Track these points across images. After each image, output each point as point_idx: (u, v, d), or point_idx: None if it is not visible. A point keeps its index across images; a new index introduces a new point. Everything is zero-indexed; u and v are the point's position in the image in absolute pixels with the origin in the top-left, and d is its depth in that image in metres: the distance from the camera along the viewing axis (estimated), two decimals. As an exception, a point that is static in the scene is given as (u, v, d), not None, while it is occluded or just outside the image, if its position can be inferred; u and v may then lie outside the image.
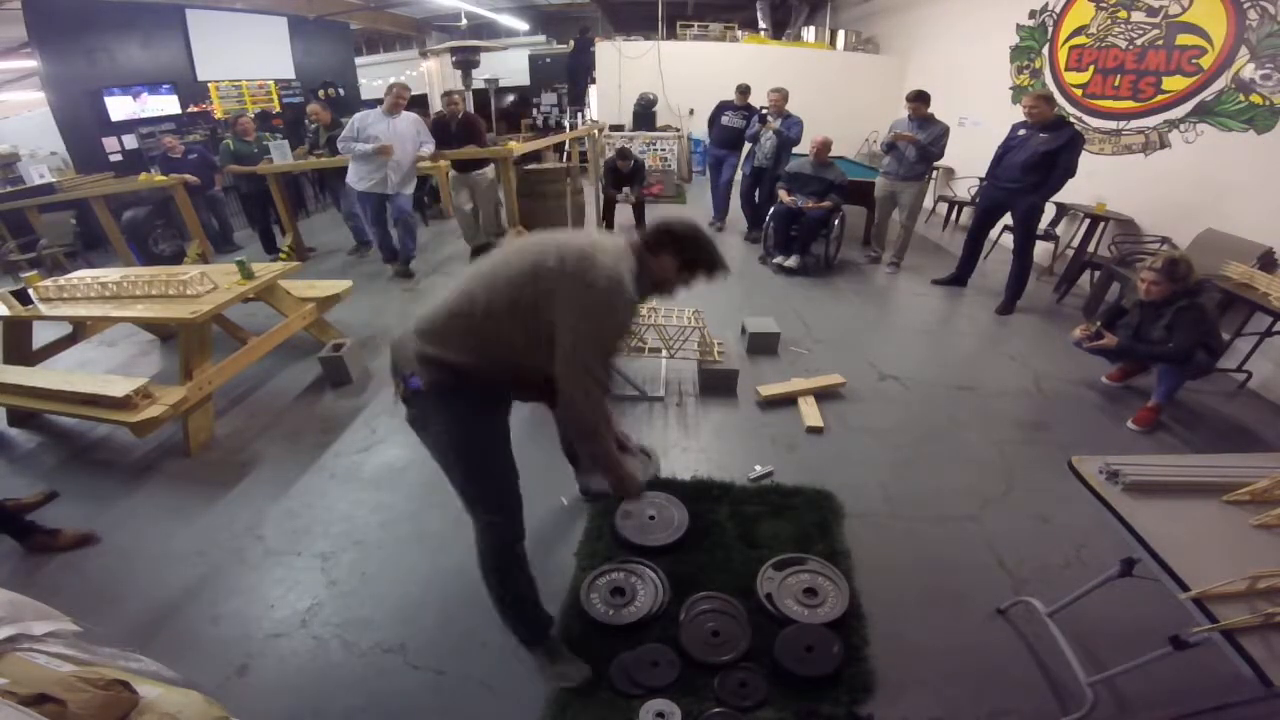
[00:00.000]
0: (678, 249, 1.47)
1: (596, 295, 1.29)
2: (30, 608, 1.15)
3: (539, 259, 1.32)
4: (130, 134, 6.35)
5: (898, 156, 4.59)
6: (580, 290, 1.28)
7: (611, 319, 1.33)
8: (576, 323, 1.29)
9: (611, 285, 1.30)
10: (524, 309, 1.32)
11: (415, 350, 1.37)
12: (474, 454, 1.45)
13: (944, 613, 1.88)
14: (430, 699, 1.63)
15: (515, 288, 1.33)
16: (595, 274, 1.29)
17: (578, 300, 1.29)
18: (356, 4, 9.58)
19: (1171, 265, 2.63)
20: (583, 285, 1.28)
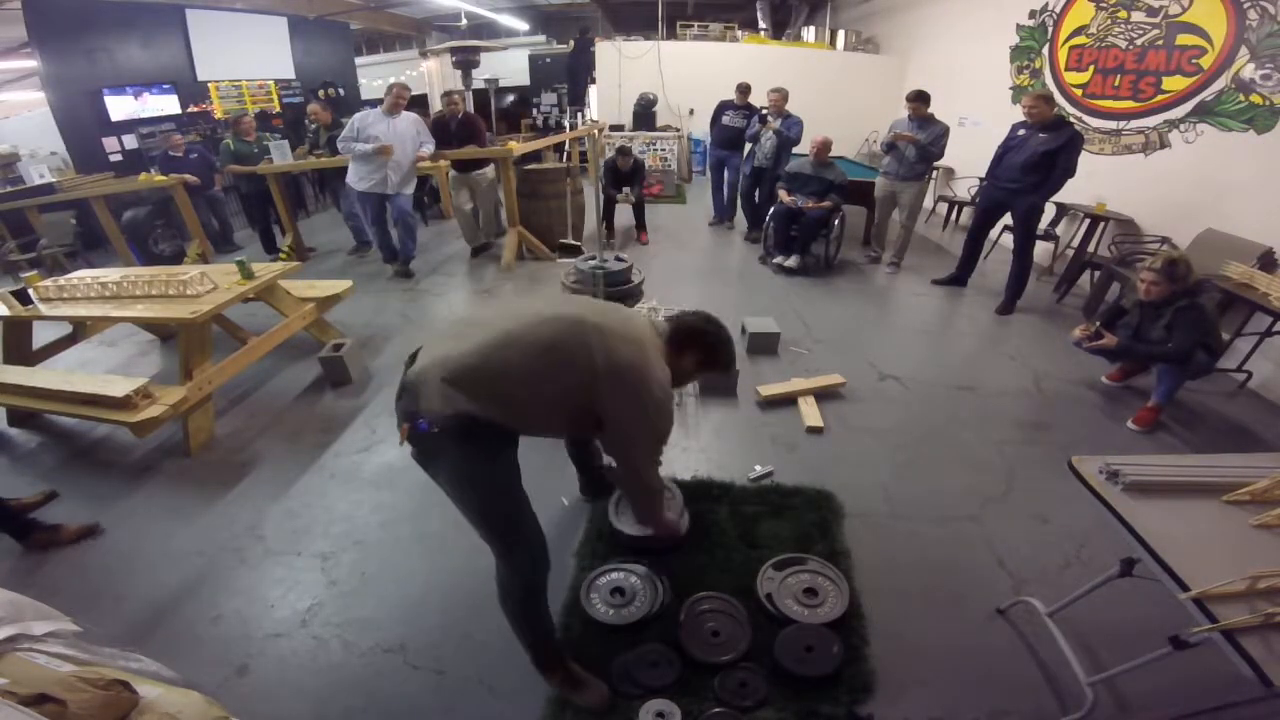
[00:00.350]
0: (704, 351, 1.53)
1: (652, 405, 1.37)
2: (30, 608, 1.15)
3: (582, 352, 1.32)
4: (130, 134, 6.35)
5: (898, 156, 4.59)
6: (635, 400, 1.36)
7: (665, 422, 1.43)
8: (635, 430, 1.41)
9: (665, 394, 1.39)
10: (567, 394, 1.36)
11: (438, 394, 1.30)
12: (488, 492, 1.42)
13: (944, 613, 1.88)
14: (430, 699, 1.63)
15: (557, 373, 1.33)
16: (649, 385, 1.37)
17: (634, 408, 1.37)
18: (356, 4, 9.58)
19: (1170, 266, 2.63)
20: (637, 396, 1.36)
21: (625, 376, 1.34)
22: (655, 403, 1.38)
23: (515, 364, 1.32)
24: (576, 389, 1.35)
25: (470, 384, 1.31)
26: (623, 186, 5.55)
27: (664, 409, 1.41)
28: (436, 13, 11.02)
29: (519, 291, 4.54)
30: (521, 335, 1.34)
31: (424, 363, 1.36)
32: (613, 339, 1.36)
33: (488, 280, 4.83)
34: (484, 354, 1.33)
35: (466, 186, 5.11)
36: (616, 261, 2.83)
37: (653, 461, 1.47)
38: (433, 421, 1.29)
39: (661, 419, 1.42)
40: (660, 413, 1.41)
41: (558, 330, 1.35)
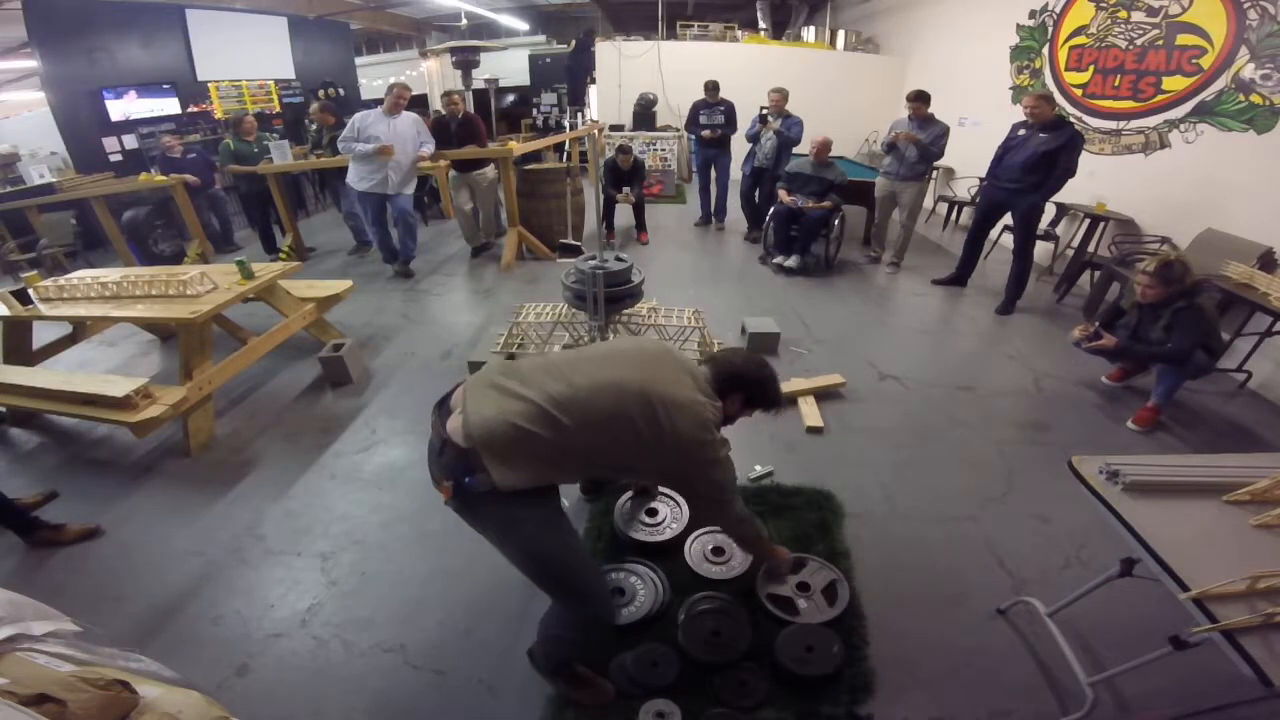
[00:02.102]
0: (747, 391, 1.52)
1: (718, 465, 1.43)
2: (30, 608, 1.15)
3: (647, 425, 1.30)
4: (130, 134, 6.35)
5: (898, 156, 4.59)
6: (701, 464, 1.40)
7: (730, 472, 1.49)
8: (710, 485, 1.46)
9: (725, 448, 1.44)
10: (629, 456, 1.37)
11: (498, 466, 1.25)
12: (540, 547, 1.37)
13: (944, 613, 1.88)
14: (430, 699, 1.63)
15: (618, 438, 1.32)
16: (713, 449, 1.41)
17: (702, 469, 1.42)
18: (356, 4, 9.59)
19: (1165, 268, 2.62)
20: (704, 460, 1.40)
21: (689, 449, 1.36)
22: (720, 460, 1.43)
23: (576, 436, 1.28)
24: (639, 453, 1.35)
25: (536, 455, 1.27)
26: (623, 186, 5.55)
27: (727, 463, 1.46)
28: (436, 13, 11.03)
29: (517, 293, 4.53)
30: (583, 405, 1.29)
31: (476, 419, 1.27)
32: (673, 409, 1.33)
33: (488, 280, 4.83)
34: (551, 426, 1.27)
35: (466, 186, 5.11)
36: (616, 261, 2.83)
37: (731, 499, 1.52)
38: (482, 483, 1.25)
39: (727, 471, 1.47)
40: (725, 466, 1.46)
41: (619, 402, 1.31)
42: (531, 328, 3.27)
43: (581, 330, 3.16)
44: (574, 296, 2.86)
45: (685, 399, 1.36)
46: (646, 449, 1.33)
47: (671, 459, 1.38)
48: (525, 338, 3.29)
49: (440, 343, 3.69)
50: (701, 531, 2.10)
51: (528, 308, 3.41)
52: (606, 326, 2.89)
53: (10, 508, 2.12)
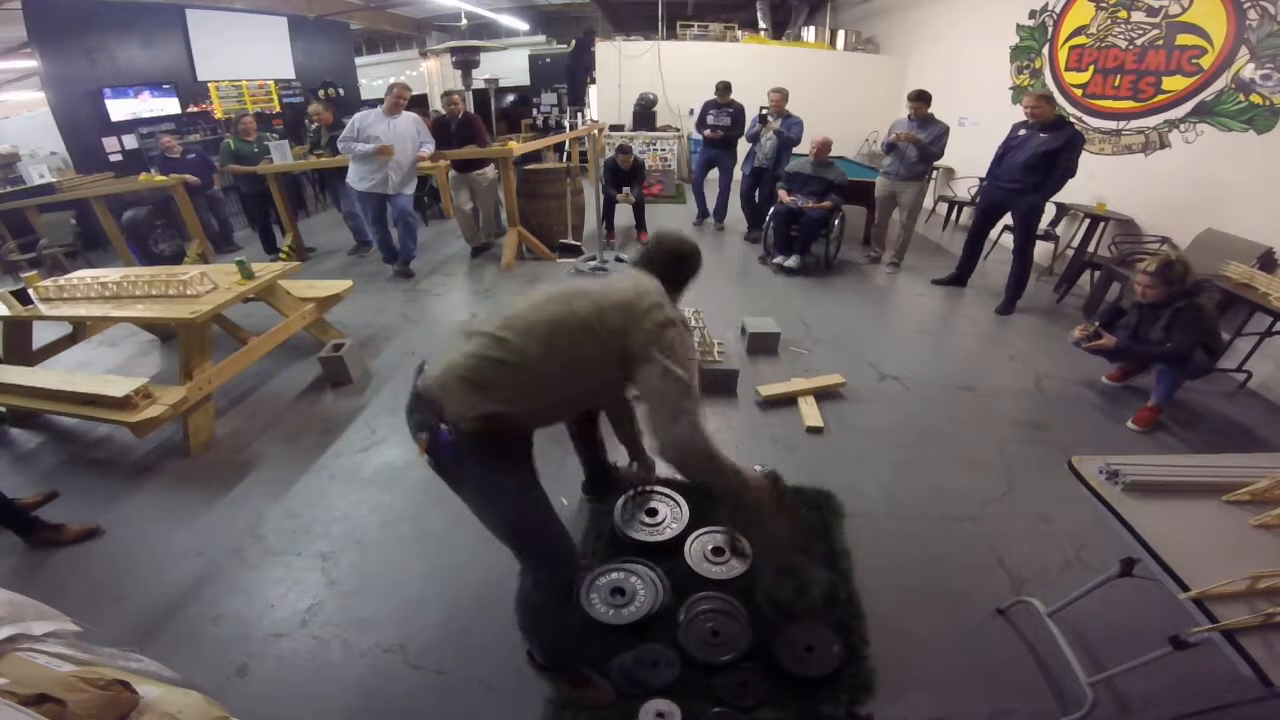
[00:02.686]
0: (674, 259, 1.60)
1: (670, 339, 1.33)
2: (30, 608, 1.15)
3: (587, 309, 1.33)
4: (130, 134, 6.35)
5: (898, 156, 4.59)
6: (659, 340, 1.32)
7: (690, 368, 1.35)
8: (668, 378, 1.30)
9: (683, 328, 1.39)
10: (588, 361, 1.33)
11: (460, 398, 1.27)
12: (516, 502, 1.38)
13: (944, 613, 1.88)
14: (430, 699, 1.63)
15: (573, 341, 1.31)
16: (661, 310, 1.37)
17: (660, 346, 1.31)
18: (356, 4, 9.58)
19: (1165, 268, 2.62)
20: (658, 332, 1.33)
21: (638, 320, 1.33)
22: (675, 343, 1.34)
23: (532, 349, 1.30)
24: (596, 350, 1.33)
25: (490, 380, 1.28)
26: (623, 186, 5.55)
27: (684, 350, 1.35)
28: (436, 13, 11.02)
29: (515, 292, 4.53)
30: (530, 321, 1.33)
31: (438, 368, 1.33)
32: (607, 288, 1.40)
33: (488, 280, 4.83)
34: (499, 346, 1.31)
35: (466, 186, 5.10)
36: (616, 262, 2.83)
37: (693, 413, 1.32)
38: (455, 427, 1.26)
39: (686, 364, 1.33)
40: (682, 351, 1.34)
41: (560, 305, 1.35)
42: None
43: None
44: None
45: (626, 286, 1.42)
46: (598, 343, 1.31)
47: (621, 343, 1.32)
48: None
49: (440, 343, 3.69)
50: (701, 531, 2.10)
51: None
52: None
53: (10, 508, 2.12)
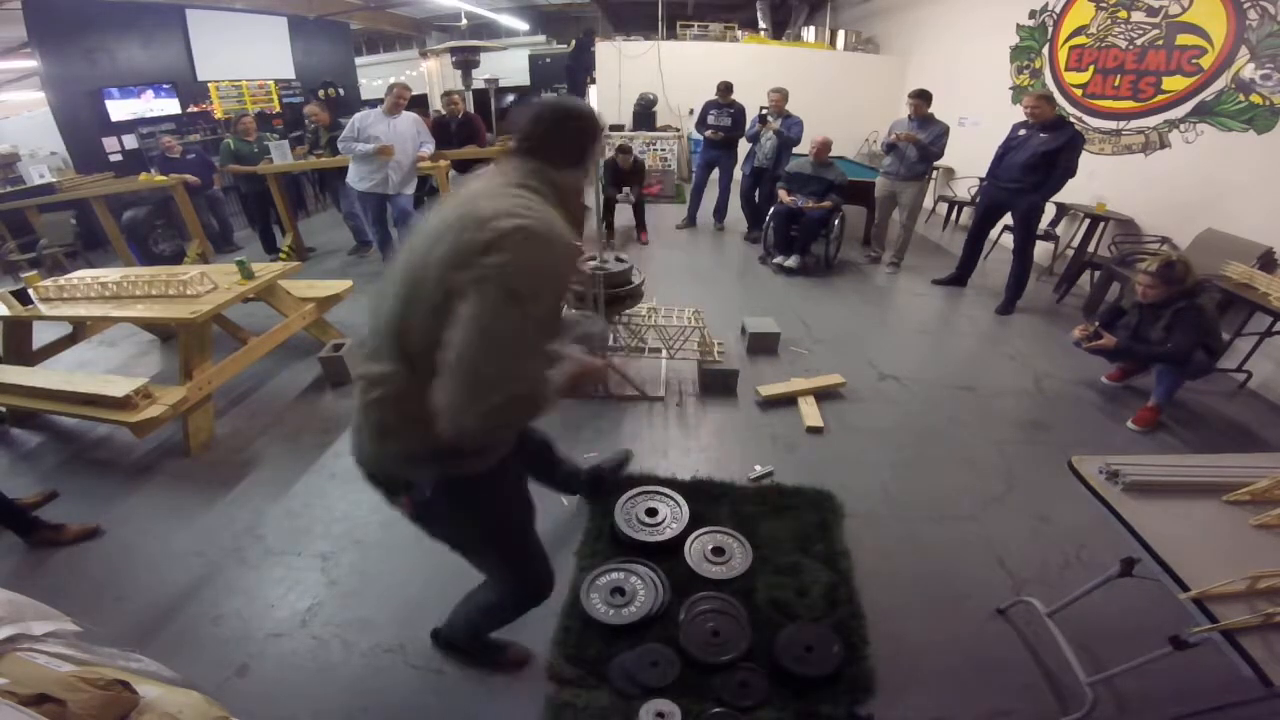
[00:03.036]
0: (576, 134, 1.11)
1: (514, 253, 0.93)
2: (30, 608, 1.15)
3: (426, 287, 0.98)
4: (130, 134, 6.35)
5: (899, 156, 4.59)
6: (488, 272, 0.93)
7: (544, 280, 0.99)
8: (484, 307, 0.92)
9: (542, 231, 0.97)
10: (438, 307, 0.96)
11: (392, 464, 1.13)
12: (505, 537, 1.30)
13: (944, 613, 1.88)
14: (430, 699, 1.63)
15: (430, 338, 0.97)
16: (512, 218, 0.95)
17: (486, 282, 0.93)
18: (356, 4, 9.58)
19: (1167, 268, 2.62)
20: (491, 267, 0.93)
21: (464, 250, 0.94)
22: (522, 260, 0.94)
23: (401, 367, 1.04)
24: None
25: (398, 427, 1.07)
26: (623, 186, 5.55)
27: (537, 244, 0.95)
28: (436, 13, 11.02)
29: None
30: (381, 333, 1.08)
31: (355, 439, 1.16)
32: (431, 242, 1.00)
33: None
34: (376, 384, 1.08)
35: (466, 186, 5.10)
36: (617, 262, 2.83)
37: (537, 349, 1.01)
38: (422, 487, 1.13)
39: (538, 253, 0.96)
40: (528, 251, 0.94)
41: (390, 299, 1.05)
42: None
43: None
44: (574, 297, 2.86)
45: (451, 222, 0.99)
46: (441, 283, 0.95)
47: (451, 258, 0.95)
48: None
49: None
50: (701, 531, 2.11)
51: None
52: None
53: (10, 508, 2.12)
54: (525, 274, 0.93)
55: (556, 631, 1.77)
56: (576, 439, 2.71)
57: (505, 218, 0.94)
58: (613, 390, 1.35)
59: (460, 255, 0.93)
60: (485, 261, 0.91)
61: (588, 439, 2.71)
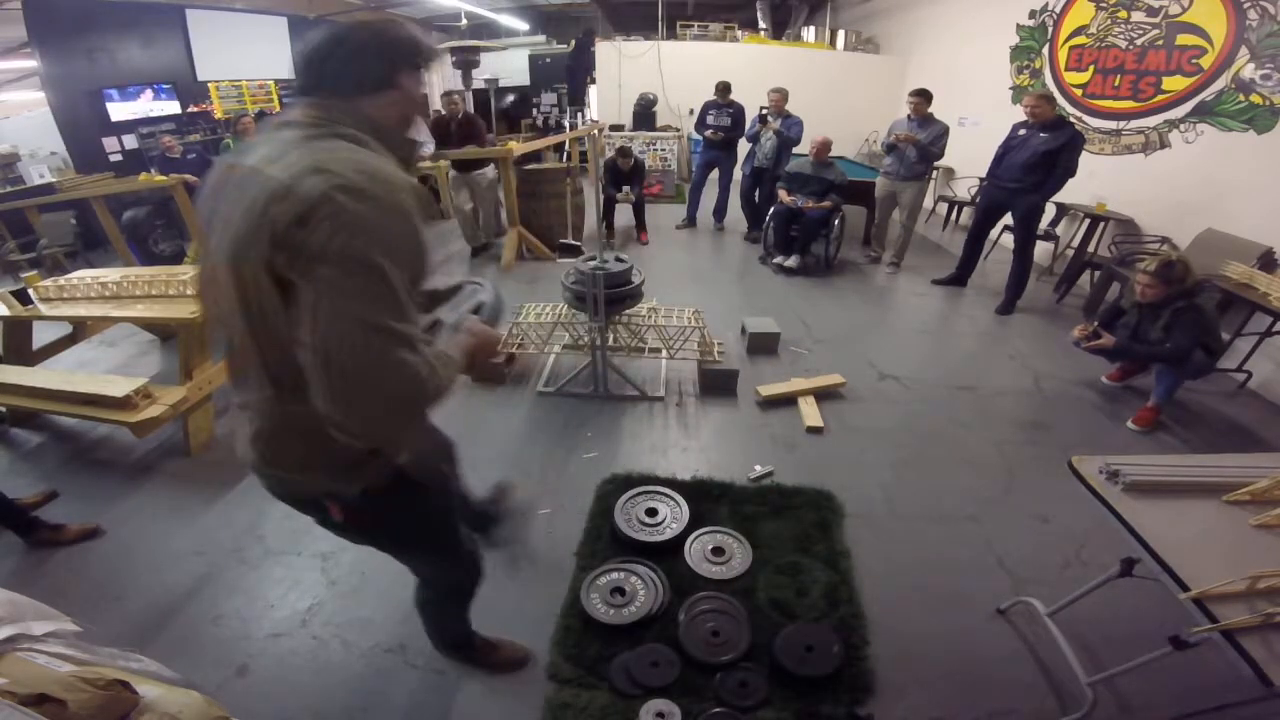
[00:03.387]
0: (403, 60, 0.91)
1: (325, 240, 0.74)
2: (30, 608, 1.15)
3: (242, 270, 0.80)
4: (130, 134, 6.36)
5: (899, 156, 4.59)
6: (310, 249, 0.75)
7: (382, 239, 0.77)
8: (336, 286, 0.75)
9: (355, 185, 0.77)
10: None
11: (301, 485, 1.02)
12: (440, 529, 1.24)
13: (944, 613, 1.88)
14: (430, 699, 1.63)
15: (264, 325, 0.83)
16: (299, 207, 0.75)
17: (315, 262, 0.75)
18: (356, 4, 9.58)
19: (1166, 268, 2.62)
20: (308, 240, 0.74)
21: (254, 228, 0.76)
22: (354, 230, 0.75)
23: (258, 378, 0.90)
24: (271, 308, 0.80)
25: (284, 445, 0.95)
26: (623, 186, 5.55)
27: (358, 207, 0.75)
28: (436, 13, 11.01)
29: (517, 293, 4.53)
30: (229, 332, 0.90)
31: (250, 439, 0.98)
32: (227, 221, 0.82)
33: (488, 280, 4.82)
34: (245, 393, 0.95)
35: (466, 186, 5.10)
36: (617, 262, 2.83)
37: (396, 329, 0.78)
38: (344, 501, 1.01)
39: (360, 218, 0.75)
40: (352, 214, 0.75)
41: (224, 293, 0.85)
42: (531, 328, 3.27)
43: (581, 331, 3.16)
44: (574, 297, 2.86)
45: (244, 204, 0.79)
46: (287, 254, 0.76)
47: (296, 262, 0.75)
48: (525, 338, 3.29)
49: (440, 343, 3.69)
50: (701, 531, 2.11)
51: (528, 308, 3.41)
52: (606, 327, 2.89)
53: (10, 508, 2.12)
54: (359, 240, 0.74)
55: (556, 631, 1.77)
56: (576, 439, 2.71)
57: (308, 177, 0.74)
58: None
59: (274, 237, 0.74)
60: (304, 240, 0.73)
61: (588, 439, 2.71)
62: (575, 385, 3.09)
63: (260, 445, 0.95)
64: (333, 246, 0.73)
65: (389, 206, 0.78)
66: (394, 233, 0.78)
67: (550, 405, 2.99)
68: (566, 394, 3.06)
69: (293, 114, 0.86)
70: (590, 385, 3.05)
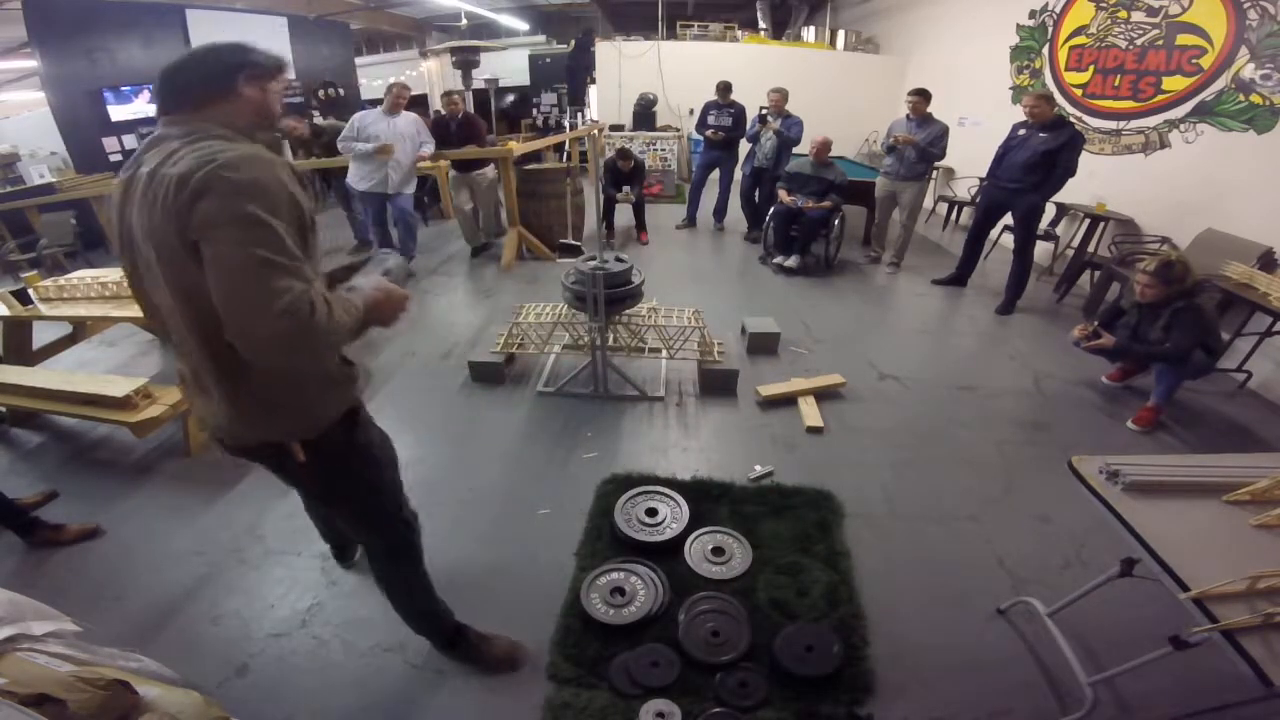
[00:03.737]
0: (246, 71, 1.08)
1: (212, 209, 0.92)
2: (30, 608, 1.15)
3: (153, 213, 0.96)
4: (130, 134, 6.35)
5: (899, 156, 4.59)
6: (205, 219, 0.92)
7: (260, 198, 0.94)
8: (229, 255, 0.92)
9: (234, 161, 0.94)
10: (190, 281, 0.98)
11: (251, 429, 1.15)
12: (386, 481, 1.39)
13: (944, 613, 1.88)
14: (430, 699, 1.63)
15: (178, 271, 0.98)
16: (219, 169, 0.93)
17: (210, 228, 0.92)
18: (356, 4, 9.58)
19: (1165, 268, 2.62)
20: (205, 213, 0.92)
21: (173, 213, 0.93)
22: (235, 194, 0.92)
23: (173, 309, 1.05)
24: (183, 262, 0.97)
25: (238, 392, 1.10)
26: (623, 186, 5.55)
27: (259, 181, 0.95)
28: (436, 13, 11.03)
29: (517, 293, 4.53)
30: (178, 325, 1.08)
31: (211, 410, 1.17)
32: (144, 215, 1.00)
33: (488, 280, 4.83)
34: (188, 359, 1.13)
35: (466, 186, 5.10)
36: (617, 262, 2.83)
37: (282, 263, 0.94)
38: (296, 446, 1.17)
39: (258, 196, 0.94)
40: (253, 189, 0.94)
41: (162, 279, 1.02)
42: (531, 328, 3.27)
43: (581, 331, 3.16)
44: (574, 297, 2.86)
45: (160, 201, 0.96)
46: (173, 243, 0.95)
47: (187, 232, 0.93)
48: (525, 338, 3.29)
49: (440, 343, 3.69)
50: (701, 531, 2.11)
51: (528, 308, 3.41)
52: (606, 327, 2.89)
53: (10, 508, 2.12)
54: (243, 202, 0.92)
55: (556, 631, 1.77)
56: (576, 439, 2.71)
57: (199, 168, 0.92)
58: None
59: (180, 217, 0.92)
60: (204, 210, 0.91)
61: (588, 439, 2.71)
62: (575, 385, 3.09)
63: (226, 406, 1.12)
64: (225, 211, 0.91)
65: (265, 176, 0.96)
66: (272, 194, 0.96)
67: (550, 405, 2.99)
68: (566, 394, 3.06)
69: (166, 130, 1.04)
70: (590, 385, 3.06)
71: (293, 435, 1.17)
